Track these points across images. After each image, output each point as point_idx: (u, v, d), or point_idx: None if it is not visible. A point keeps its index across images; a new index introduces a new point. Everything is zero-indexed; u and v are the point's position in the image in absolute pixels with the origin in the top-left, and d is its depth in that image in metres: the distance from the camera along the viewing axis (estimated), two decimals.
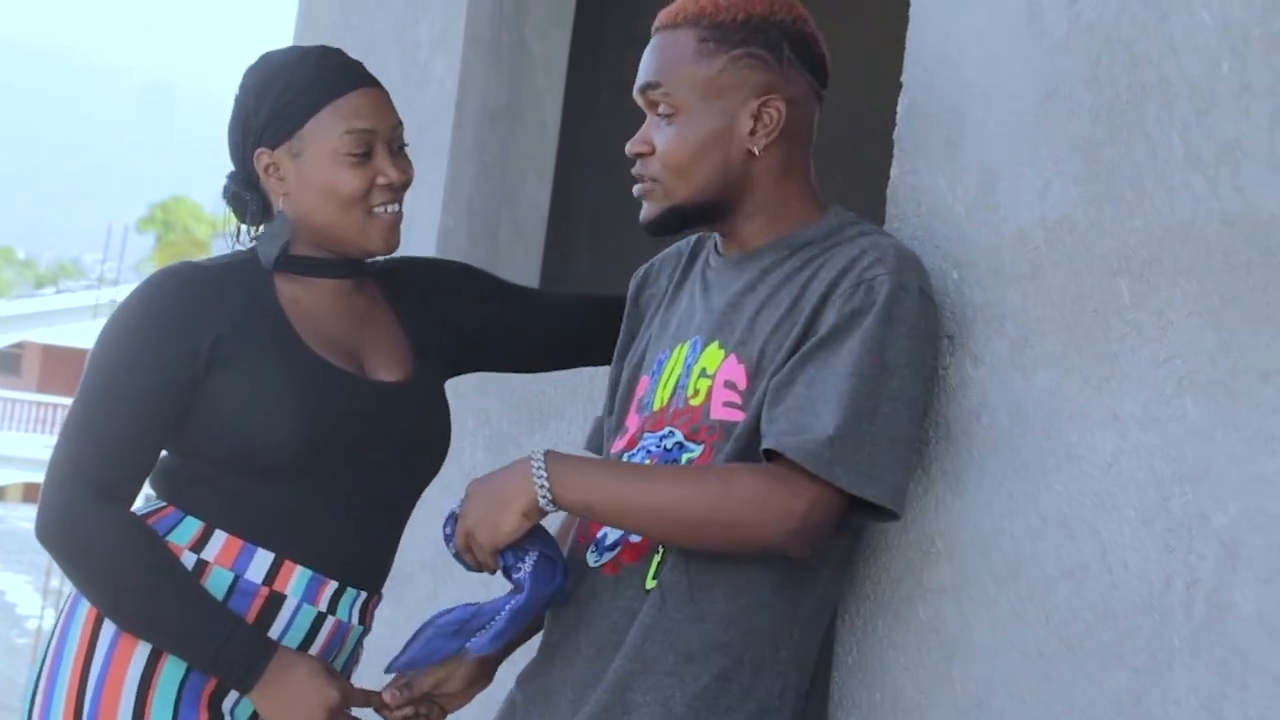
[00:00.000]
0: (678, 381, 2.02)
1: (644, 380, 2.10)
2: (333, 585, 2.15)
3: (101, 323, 2.18)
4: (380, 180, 2.16)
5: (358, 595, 2.19)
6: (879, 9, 3.83)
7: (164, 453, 2.16)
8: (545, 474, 1.89)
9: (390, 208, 2.18)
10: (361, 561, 2.19)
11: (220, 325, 2.10)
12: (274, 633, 2.12)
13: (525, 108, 3.58)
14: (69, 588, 2.14)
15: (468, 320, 2.36)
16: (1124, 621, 1.71)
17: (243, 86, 2.21)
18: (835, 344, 1.86)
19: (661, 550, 1.95)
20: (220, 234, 2.33)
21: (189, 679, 2.09)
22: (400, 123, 2.22)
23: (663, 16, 2.03)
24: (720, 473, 1.89)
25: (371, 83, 2.21)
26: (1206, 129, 1.68)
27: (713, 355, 1.99)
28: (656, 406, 2.04)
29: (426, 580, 3.39)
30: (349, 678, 2.26)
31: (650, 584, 1.94)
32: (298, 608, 2.13)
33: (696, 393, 1.98)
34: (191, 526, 2.12)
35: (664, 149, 1.99)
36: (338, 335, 2.19)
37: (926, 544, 1.96)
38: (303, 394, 2.10)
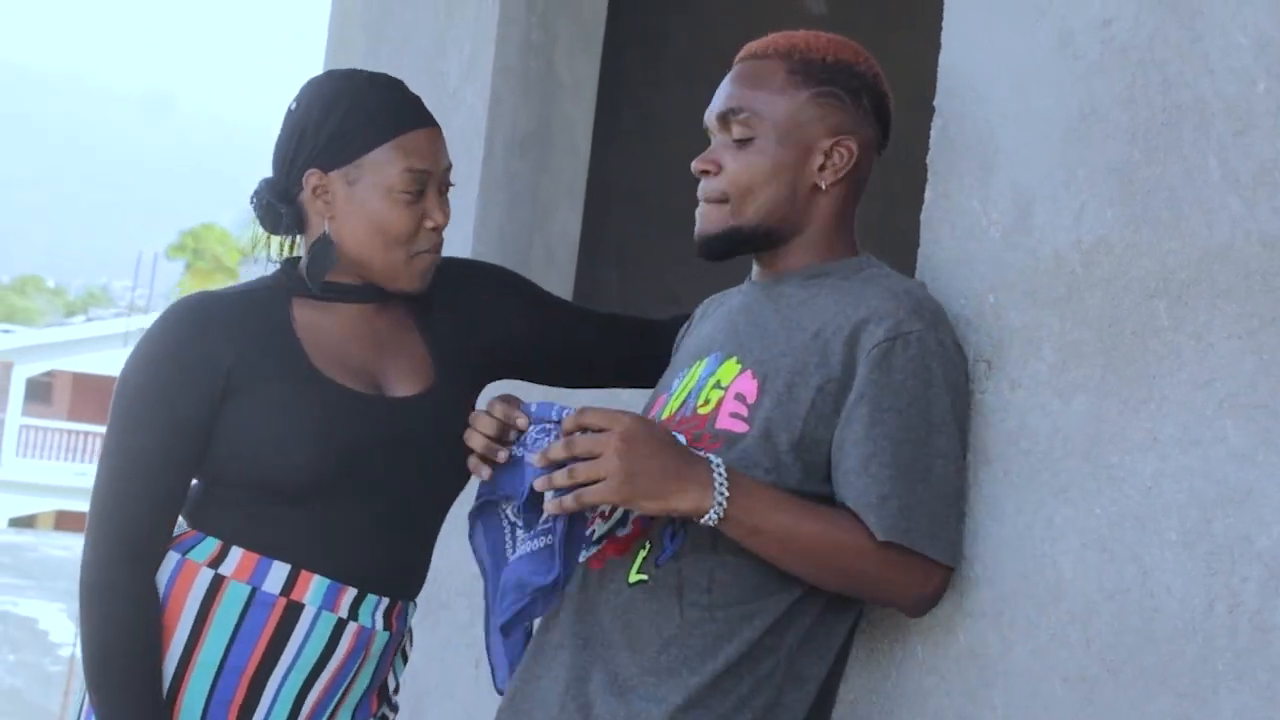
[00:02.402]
0: (689, 393, 2.06)
1: (660, 399, 2.14)
2: (352, 592, 2.16)
3: (132, 350, 2.20)
4: (427, 223, 2.17)
5: (379, 601, 2.19)
6: (908, 34, 3.84)
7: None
8: (726, 491, 1.83)
9: (431, 252, 2.19)
10: (383, 570, 2.19)
11: (229, 355, 2.10)
12: (294, 641, 2.13)
13: (555, 135, 3.59)
14: None
15: (513, 325, 2.35)
16: (1167, 645, 1.70)
17: (303, 101, 2.20)
18: (881, 403, 1.89)
19: (648, 545, 1.96)
20: (249, 260, 2.33)
21: (215, 694, 2.11)
22: (450, 165, 2.23)
23: (751, 47, 2.10)
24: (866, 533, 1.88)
25: (433, 123, 2.22)
26: (1244, 149, 1.68)
27: (729, 369, 2.02)
28: (664, 416, 2.07)
29: (463, 607, 3.39)
30: (380, 687, 2.26)
31: (634, 578, 1.96)
32: (317, 615, 2.13)
33: (707, 402, 2.01)
34: (210, 545, 2.14)
35: (738, 170, 2.04)
36: (354, 356, 2.19)
37: (966, 568, 1.95)
38: (313, 419, 2.10)
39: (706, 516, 1.83)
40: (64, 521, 32.99)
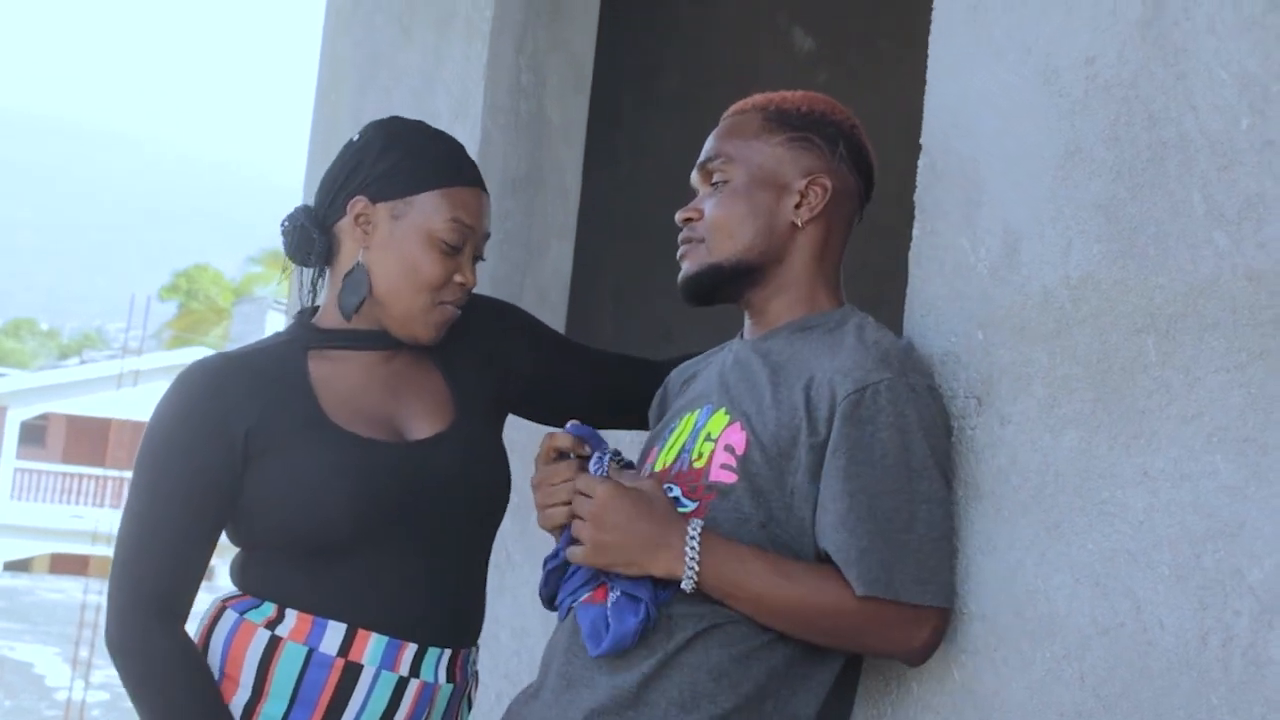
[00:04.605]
0: (683, 446, 2.08)
1: (653, 450, 2.17)
2: (412, 648, 2.15)
3: (126, 392, 2.21)
4: (457, 278, 2.19)
5: (441, 653, 2.18)
6: (896, 71, 3.86)
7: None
8: (698, 561, 1.90)
9: (453, 307, 2.21)
10: (439, 619, 2.19)
11: (250, 416, 2.11)
12: (355, 702, 2.12)
13: (546, 175, 3.60)
14: (105, 662, 2.17)
15: (521, 363, 2.38)
16: (1161, 679, 1.70)
17: (366, 134, 2.24)
18: (855, 456, 1.90)
19: None
20: (243, 300, 2.33)
21: None
22: (489, 235, 2.26)
23: (734, 106, 2.17)
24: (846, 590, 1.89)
25: (485, 189, 2.26)
26: (1228, 185, 1.69)
27: (719, 420, 2.05)
28: (658, 468, 2.10)
29: None
30: None
31: None
32: (376, 675, 2.12)
33: (700, 455, 2.03)
34: (267, 609, 2.13)
35: (713, 211, 2.09)
36: (371, 405, 2.19)
37: (960, 605, 1.96)
38: (337, 474, 2.10)
39: (682, 583, 1.90)
40: (59, 565, 32.89)
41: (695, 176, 2.15)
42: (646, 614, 1.92)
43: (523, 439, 3.22)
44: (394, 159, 2.18)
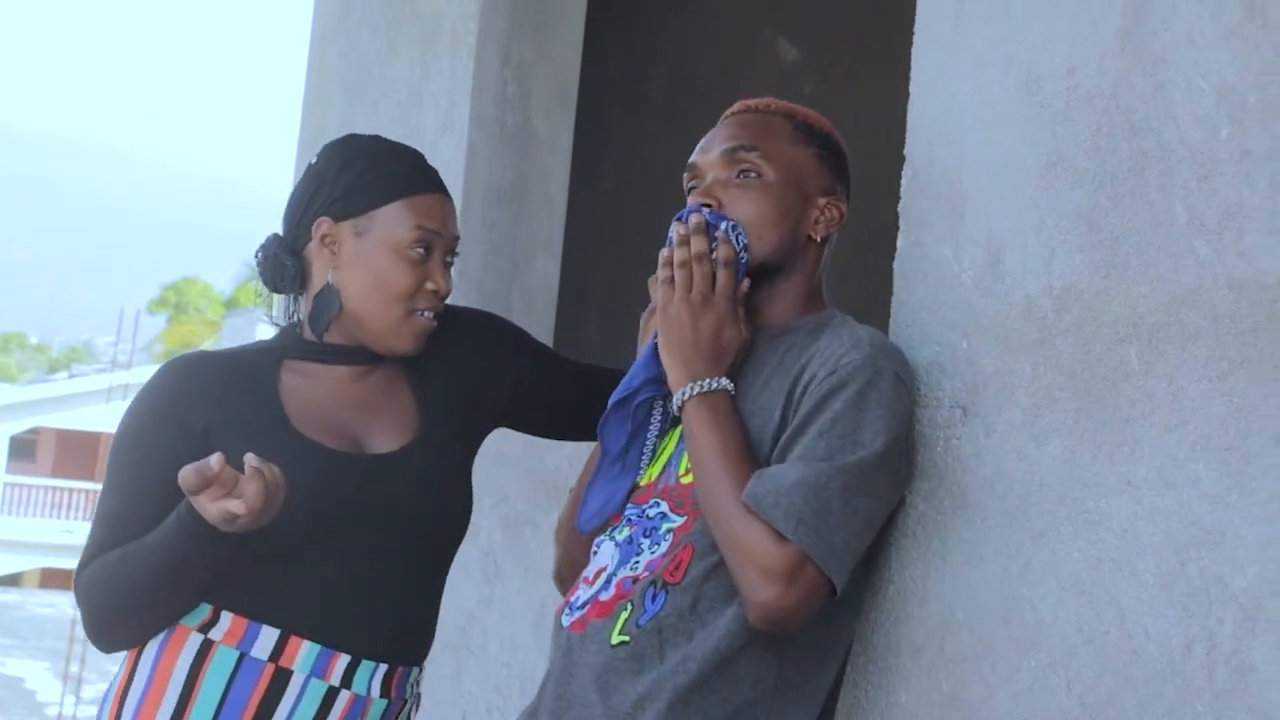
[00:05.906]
0: (670, 458, 2.09)
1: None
2: (344, 659, 2.14)
3: (115, 406, 2.23)
4: (429, 285, 2.20)
5: (376, 667, 2.17)
6: (883, 81, 3.86)
7: None
8: (686, 400, 1.99)
9: (428, 314, 2.21)
10: (376, 632, 2.18)
11: (213, 415, 2.13)
12: (283, 708, 2.12)
13: (532, 186, 3.61)
14: (96, 677, 2.17)
15: (503, 376, 2.38)
16: (1146, 687, 1.71)
17: (325, 155, 2.25)
18: (810, 425, 1.92)
19: (630, 607, 1.98)
20: (234, 313, 2.34)
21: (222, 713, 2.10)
22: (458, 236, 2.27)
23: (750, 103, 2.17)
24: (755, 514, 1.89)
25: (447, 193, 2.26)
26: (1209, 194, 1.70)
27: None
28: (644, 483, 2.11)
29: (448, 660, 3.39)
30: None
31: (616, 639, 1.97)
32: (305, 683, 2.12)
33: (688, 471, 2.03)
34: (202, 610, 2.13)
35: (744, 206, 2.08)
36: (336, 418, 2.20)
37: (947, 614, 1.96)
38: (291, 477, 2.08)
39: (675, 400, 2.02)
40: (50, 579, 32.83)
41: (714, 159, 2.11)
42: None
43: (517, 450, 3.22)
44: (352, 176, 2.20)
